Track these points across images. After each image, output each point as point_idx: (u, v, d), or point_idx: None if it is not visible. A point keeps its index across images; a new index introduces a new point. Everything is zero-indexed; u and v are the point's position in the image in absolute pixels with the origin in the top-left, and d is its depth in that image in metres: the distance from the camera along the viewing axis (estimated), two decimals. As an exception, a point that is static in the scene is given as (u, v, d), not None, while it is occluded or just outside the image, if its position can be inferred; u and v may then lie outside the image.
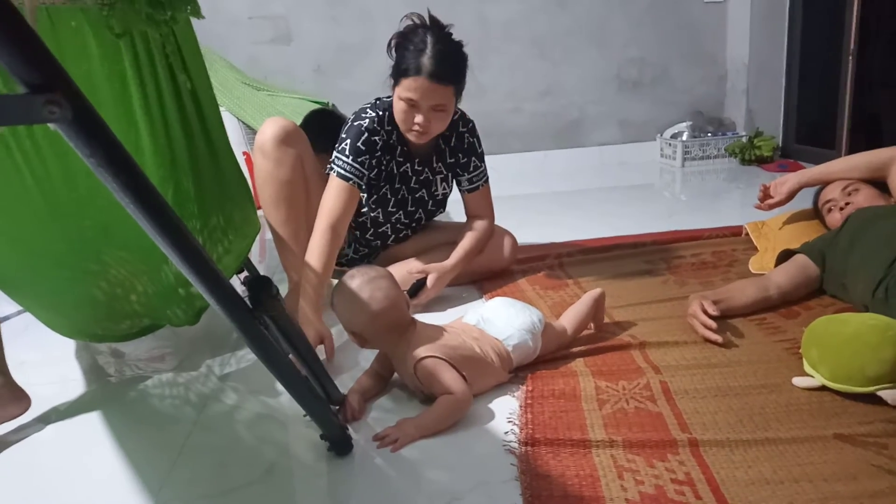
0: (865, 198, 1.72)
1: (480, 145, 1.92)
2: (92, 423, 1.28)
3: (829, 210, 1.80)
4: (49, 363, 1.59)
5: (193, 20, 1.04)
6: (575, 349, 1.40)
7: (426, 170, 1.87)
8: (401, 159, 1.82)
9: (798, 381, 1.21)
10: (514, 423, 1.15)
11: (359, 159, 1.70)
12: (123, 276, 1.32)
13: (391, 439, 1.11)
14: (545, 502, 0.93)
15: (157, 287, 1.27)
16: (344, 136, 1.73)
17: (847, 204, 1.74)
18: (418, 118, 1.66)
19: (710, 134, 3.83)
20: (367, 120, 1.72)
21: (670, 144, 3.82)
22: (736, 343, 1.41)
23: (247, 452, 1.16)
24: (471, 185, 1.91)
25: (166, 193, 1.11)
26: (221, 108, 3.04)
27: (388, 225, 1.92)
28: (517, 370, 1.32)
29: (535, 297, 1.76)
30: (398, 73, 1.63)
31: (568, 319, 1.44)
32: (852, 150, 3.03)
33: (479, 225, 1.91)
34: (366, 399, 1.27)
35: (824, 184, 1.88)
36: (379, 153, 1.75)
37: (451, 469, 1.05)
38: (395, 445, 1.10)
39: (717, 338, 1.39)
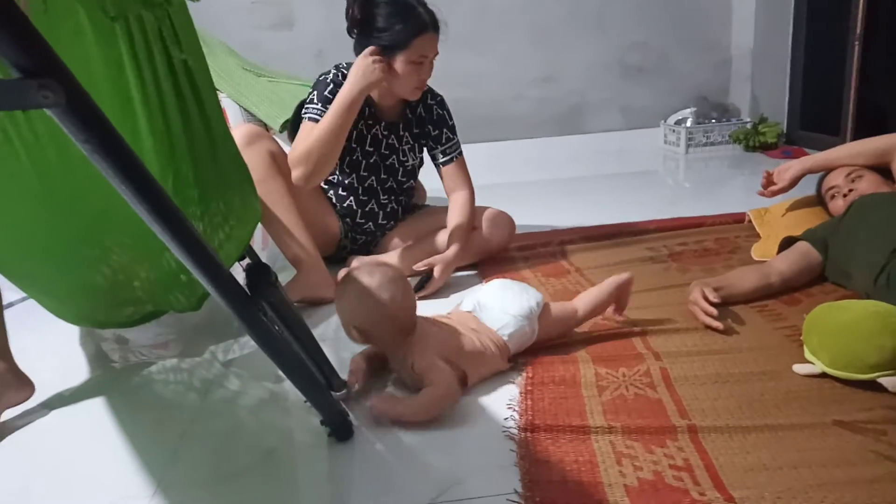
0: (869, 184, 1.71)
1: (451, 118, 1.96)
2: (96, 409, 1.29)
3: (833, 197, 1.79)
4: (53, 350, 1.60)
5: (191, 4, 1.04)
6: (577, 336, 1.41)
7: (392, 136, 1.91)
8: (370, 122, 1.87)
9: (798, 368, 1.21)
10: (514, 409, 1.15)
11: (327, 106, 1.72)
12: (125, 262, 1.32)
13: (376, 410, 1.13)
14: (544, 488, 0.93)
15: (158, 273, 1.28)
16: (313, 92, 1.79)
17: (850, 191, 1.73)
18: (424, 74, 1.74)
19: (714, 120, 3.81)
20: (332, 75, 1.79)
21: (674, 131, 3.80)
22: (737, 330, 1.41)
23: (249, 438, 1.16)
24: (445, 158, 1.94)
25: (166, 179, 1.11)
26: (222, 96, 3.02)
27: (368, 197, 1.95)
28: (517, 356, 1.32)
29: (538, 285, 1.76)
30: (405, 39, 1.66)
31: (583, 301, 1.40)
32: (857, 136, 3.01)
33: (461, 199, 1.91)
34: (371, 366, 1.28)
35: (828, 170, 1.86)
36: None
37: (451, 454, 1.05)
38: (378, 414, 1.13)
39: (718, 325, 1.39)
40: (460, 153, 1.96)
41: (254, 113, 3.00)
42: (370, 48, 1.67)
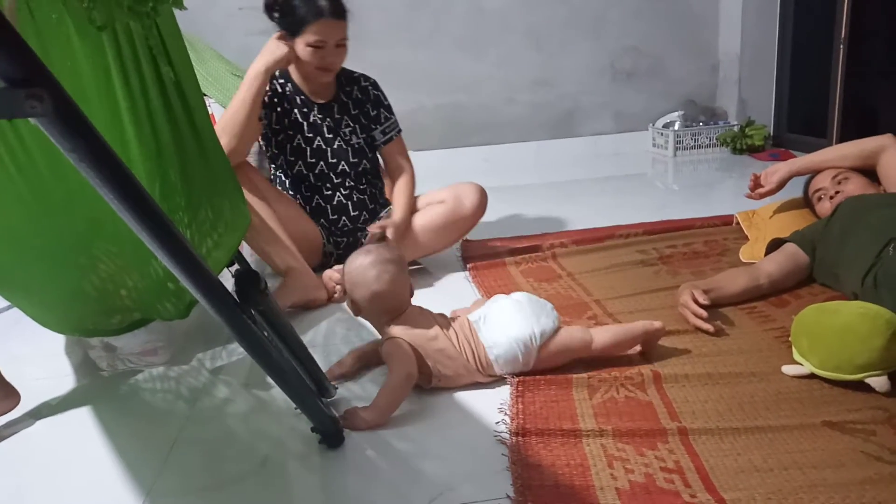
0: (855, 186, 1.73)
1: (386, 98, 2.04)
2: (84, 418, 1.28)
3: (819, 199, 1.81)
4: (40, 358, 1.59)
5: (179, 11, 1.04)
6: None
7: (328, 118, 1.96)
8: (304, 109, 1.94)
9: (787, 370, 1.21)
10: (506, 414, 1.15)
11: None
12: (113, 270, 1.31)
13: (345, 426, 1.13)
14: (536, 492, 0.93)
15: (146, 281, 1.27)
16: None
17: (837, 193, 1.74)
18: (327, 58, 1.83)
19: (702, 123, 3.83)
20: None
21: (662, 134, 3.82)
22: (726, 332, 1.42)
23: (239, 446, 1.16)
24: (385, 137, 2.01)
25: (154, 186, 1.10)
26: (211, 101, 3.01)
27: (326, 185, 1.97)
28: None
29: (530, 290, 1.76)
30: (299, 24, 1.78)
31: (603, 336, 1.29)
32: (843, 138, 3.03)
33: (402, 176, 2.00)
34: (362, 362, 1.34)
35: (815, 173, 1.88)
36: (276, 99, 1.92)
37: (443, 460, 1.05)
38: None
39: (708, 327, 1.40)
40: (399, 131, 2.04)
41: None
42: (278, 32, 1.82)
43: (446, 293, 1.81)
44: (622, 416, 1.12)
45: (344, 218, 1.99)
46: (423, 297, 1.74)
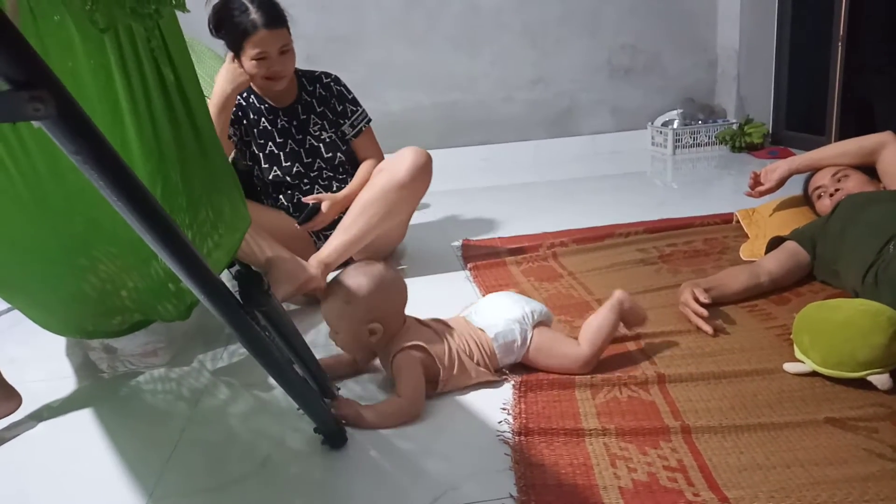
0: (855, 184, 1.73)
1: (350, 91, 2.06)
2: (85, 420, 1.28)
3: (819, 196, 1.81)
4: (40, 360, 1.58)
5: (180, 14, 1.03)
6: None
7: (294, 120, 1.99)
8: (271, 117, 1.98)
9: (789, 367, 1.22)
10: (508, 413, 1.15)
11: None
12: (113, 271, 1.31)
13: (338, 413, 1.13)
14: (539, 491, 0.93)
15: (147, 282, 1.27)
16: None
17: (837, 190, 1.75)
18: (274, 67, 1.84)
19: (700, 121, 3.83)
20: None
21: (661, 132, 3.82)
22: (728, 330, 1.42)
23: (241, 447, 1.16)
24: (354, 130, 2.04)
25: (155, 187, 1.10)
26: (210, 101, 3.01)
27: (304, 182, 2.00)
28: (511, 370, 1.28)
29: (531, 290, 1.76)
30: (238, 41, 1.80)
31: (585, 334, 1.27)
32: (842, 136, 3.04)
33: (369, 163, 2.02)
34: (342, 363, 1.33)
35: (814, 170, 1.88)
36: (240, 114, 1.96)
37: (446, 459, 1.05)
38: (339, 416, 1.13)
39: (708, 328, 1.40)
40: (367, 121, 2.06)
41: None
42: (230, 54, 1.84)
43: (447, 293, 1.81)
44: (625, 415, 1.12)
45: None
46: (423, 298, 1.74)
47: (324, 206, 1.90)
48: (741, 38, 3.76)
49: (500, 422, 1.13)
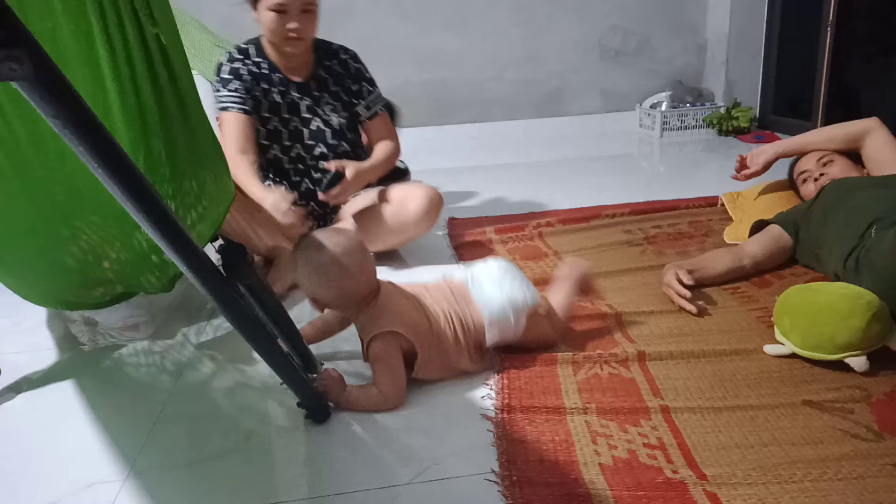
0: (840, 169, 1.74)
1: (367, 71, 1.91)
2: (65, 393, 1.27)
3: (804, 181, 1.82)
4: (20, 332, 1.57)
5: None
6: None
7: (306, 97, 1.84)
8: (282, 88, 1.82)
9: (769, 349, 1.23)
10: (491, 389, 1.16)
11: (229, 87, 1.76)
12: (95, 242, 1.29)
13: (322, 386, 1.12)
14: (521, 467, 0.94)
15: (129, 254, 1.25)
16: (215, 80, 1.81)
17: (821, 175, 1.76)
18: (291, 24, 1.69)
19: (688, 104, 3.83)
20: (226, 57, 1.81)
21: (649, 114, 3.82)
22: (709, 311, 1.43)
23: (224, 421, 1.15)
24: (369, 112, 1.89)
25: (137, 156, 1.08)
26: (194, 72, 2.95)
27: (298, 167, 1.87)
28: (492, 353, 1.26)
29: (514, 267, 1.77)
30: None
31: (557, 304, 1.31)
32: (828, 121, 3.06)
33: (385, 144, 1.89)
34: (321, 332, 1.31)
35: (800, 155, 1.89)
36: (251, 79, 1.79)
37: (429, 435, 1.05)
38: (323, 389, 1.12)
39: (692, 307, 1.41)
40: (383, 105, 1.93)
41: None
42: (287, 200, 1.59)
43: (432, 272, 1.80)
44: (606, 392, 1.13)
45: (313, 203, 1.88)
46: (409, 278, 1.74)
47: (348, 173, 1.68)
48: (731, 22, 3.75)
49: (483, 397, 1.14)
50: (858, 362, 1.13)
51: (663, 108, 3.77)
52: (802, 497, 0.86)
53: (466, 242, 1.99)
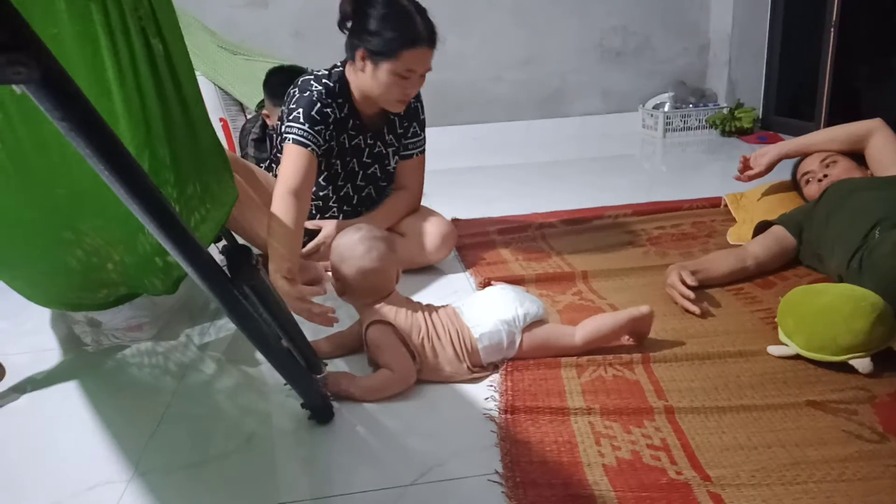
0: (843, 170, 1.74)
1: (423, 111, 1.84)
2: (69, 393, 1.27)
3: (808, 182, 1.82)
4: (24, 333, 1.57)
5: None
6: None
7: (378, 143, 1.79)
8: (353, 133, 1.74)
9: (773, 350, 1.23)
10: (495, 391, 1.16)
11: (315, 128, 1.62)
12: (99, 244, 1.29)
13: (329, 382, 1.16)
14: (524, 468, 0.94)
15: (133, 256, 1.25)
16: (294, 106, 1.64)
17: (825, 176, 1.75)
18: (411, 90, 1.62)
19: (691, 105, 3.83)
20: (317, 92, 1.65)
21: (652, 115, 3.82)
22: (713, 313, 1.43)
23: (227, 422, 1.16)
24: (406, 152, 1.83)
25: (142, 161, 1.08)
26: (198, 74, 2.96)
27: (336, 205, 1.84)
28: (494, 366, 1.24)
29: (518, 269, 1.77)
30: (388, 48, 1.54)
31: (584, 330, 1.25)
32: (831, 122, 3.05)
33: (402, 195, 1.84)
34: (340, 350, 1.33)
35: (803, 156, 1.89)
36: (332, 126, 1.68)
37: (433, 436, 1.05)
38: (330, 386, 1.16)
39: (695, 308, 1.41)
40: (423, 151, 1.85)
41: (229, 92, 2.95)
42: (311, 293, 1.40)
43: (435, 271, 1.81)
44: (610, 394, 1.13)
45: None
46: (411, 276, 1.74)
47: (324, 233, 1.70)
48: (734, 23, 3.75)
49: (487, 398, 1.14)
50: (862, 364, 1.13)
51: (666, 108, 3.77)
52: (806, 498, 0.86)
53: (469, 244, 1.99)
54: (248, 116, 2.95)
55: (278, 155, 1.80)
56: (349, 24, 1.59)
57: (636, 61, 3.93)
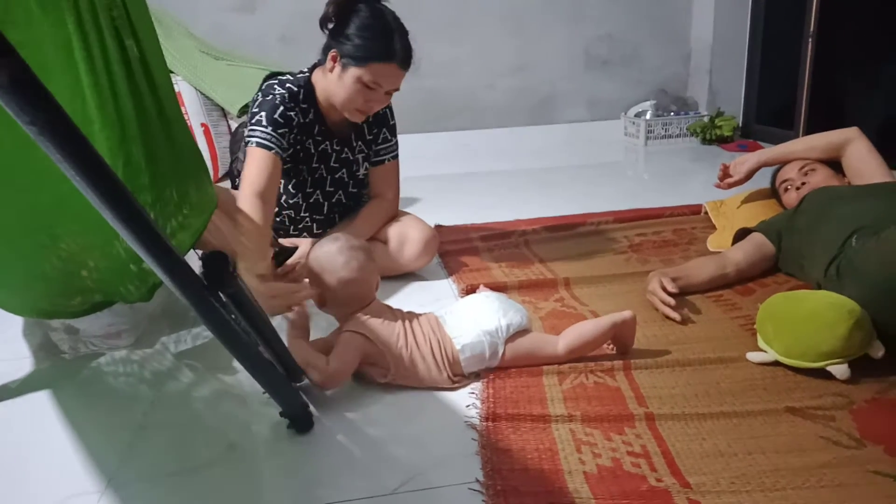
0: (822, 178, 1.76)
1: (393, 117, 1.84)
2: (45, 402, 1.25)
3: (786, 189, 1.84)
4: (3, 340, 1.54)
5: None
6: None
7: (345, 149, 1.79)
8: (319, 138, 1.74)
9: (752, 357, 1.24)
10: (477, 398, 1.15)
11: (278, 131, 1.62)
12: (75, 249, 1.27)
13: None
14: (505, 476, 0.94)
15: (108, 262, 1.23)
16: (257, 110, 1.64)
17: (803, 184, 1.78)
18: (374, 103, 1.64)
19: (672, 113, 3.87)
20: (280, 96, 1.65)
21: (634, 123, 3.85)
22: (693, 319, 1.44)
23: (206, 431, 1.14)
24: (377, 158, 1.82)
25: (116, 165, 1.06)
26: (179, 79, 2.93)
27: (308, 213, 1.82)
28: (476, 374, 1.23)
29: (502, 276, 1.77)
30: (364, 57, 1.56)
31: (567, 338, 1.24)
32: (810, 131, 3.10)
33: (377, 203, 1.83)
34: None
35: (782, 164, 1.91)
36: (296, 130, 1.68)
37: (414, 445, 1.05)
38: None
39: (676, 315, 1.42)
40: (395, 156, 1.85)
41: (211, 97, 2.93)
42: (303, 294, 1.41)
43: (417, 278, 1.80)
44: (591, 401, 1.13)
45: (306, 234, 1.86)
46: (392, 283, 1.73)
47: (300, 252, 1.66)
48: (715, 32, 3.80)
49: (469, 406, 1.13)
50: (840, 370, 1.14)
51: (648, 116, 3.80)
52: (785, 505, 0.86)
53: (452, 250, 1.99)
54: (231, 122, 2.93)
55: (241, 158, 1.77)
56: (330, 26, 1.62)
57: (623, 70, 3.98)
